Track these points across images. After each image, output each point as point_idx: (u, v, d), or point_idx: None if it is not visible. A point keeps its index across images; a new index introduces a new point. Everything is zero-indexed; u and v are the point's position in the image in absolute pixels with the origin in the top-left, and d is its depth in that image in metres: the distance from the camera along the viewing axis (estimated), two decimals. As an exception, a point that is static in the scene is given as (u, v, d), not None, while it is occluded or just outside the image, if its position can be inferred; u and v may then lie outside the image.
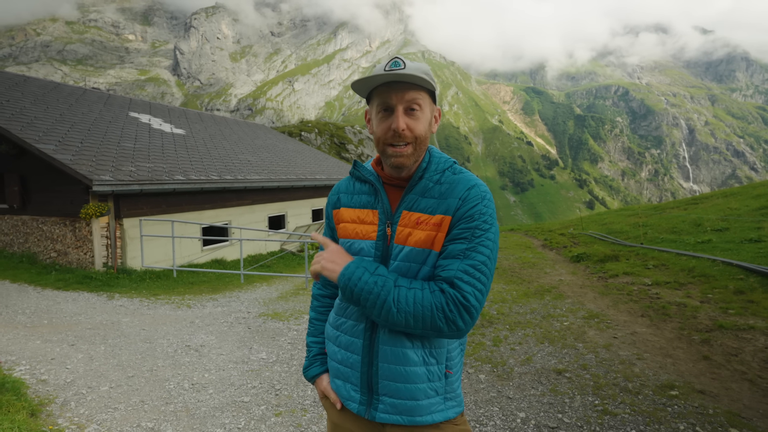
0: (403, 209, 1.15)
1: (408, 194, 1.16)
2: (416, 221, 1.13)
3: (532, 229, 19.73)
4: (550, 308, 5.79)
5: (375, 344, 1.15)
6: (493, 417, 3.07)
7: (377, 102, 1.14)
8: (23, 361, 4.12)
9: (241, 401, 3.35)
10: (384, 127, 1.12)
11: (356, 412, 1.18)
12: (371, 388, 1.16)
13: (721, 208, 13.95)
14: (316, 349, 1.35)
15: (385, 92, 1.11)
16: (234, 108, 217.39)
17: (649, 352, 4.10)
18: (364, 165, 1.25)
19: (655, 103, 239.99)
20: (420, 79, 1.07)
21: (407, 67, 1.09)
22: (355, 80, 1.11)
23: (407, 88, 1.10)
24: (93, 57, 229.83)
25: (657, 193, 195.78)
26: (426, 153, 1.19)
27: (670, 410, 3.05)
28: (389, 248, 1.15)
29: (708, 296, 5.68)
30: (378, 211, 1.18)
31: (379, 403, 1.15)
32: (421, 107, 1.11)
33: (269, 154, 17.23)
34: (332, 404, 1.25)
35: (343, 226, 1.24)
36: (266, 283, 8.76)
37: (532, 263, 9.50)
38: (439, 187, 1.15)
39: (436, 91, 1.16)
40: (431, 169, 1.18)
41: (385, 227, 1.16)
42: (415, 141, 1.12)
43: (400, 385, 1.13)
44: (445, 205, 1.12)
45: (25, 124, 9.60)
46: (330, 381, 1.27)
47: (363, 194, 1.22)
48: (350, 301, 1.09)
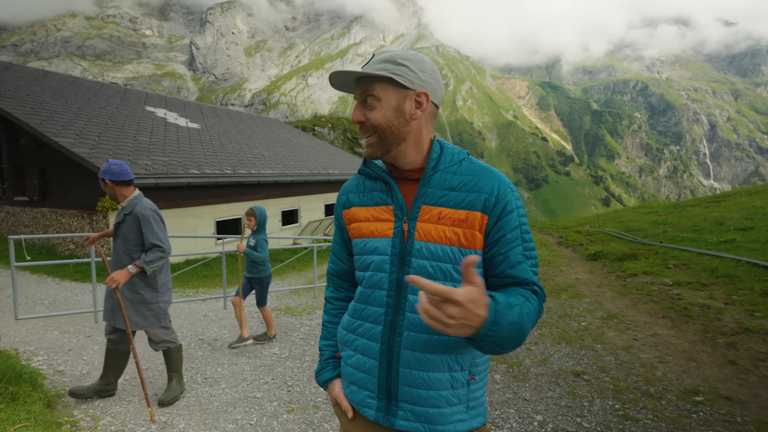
0: (422, 204, 1.10)
1: (424, 187, 1.10)
2: (438, 216, 1.07)
3: (547, 226, 19.44)
4: (567, 307, 5.66)
5: (395, 348, 1.09)
6: (509, 419, 3.00)
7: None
8: (41, 352, 4.18)
9: (254, 397, 3.34)
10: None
11: (373, 419, 1.12)
12: (389, 394, 1.10)
13: (744, 207, 13.51)
14: (328, 353, 1.29)
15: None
16: (248, 102, 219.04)
17: (672, 355, 3.97)
18: (374, 162, 1.19)
19: (675, 98, 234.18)
20: (369, 72, 1.06)
21: (368, 62, 1.11)
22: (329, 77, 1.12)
23: (363, 82, 1.11)
24: (111, 52, 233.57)
25: (676, 190, 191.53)
26: (436, 145, 1.15)
27: (695, 417, 2.93)
28: (407, 245, 1.09)
29: (732, 298, 5.48)
30: (393, 207, 1.13)
31: (398, 409, 1.09)
32: (375, 97, 1.09)
33: (283, 148, 17.27)
34: (344, 412, 1.19)
35: (356, 226, 1.19)
36: (279, 277, 8.79)
37: (547, 261, 9.34)
38: (459, 179, 1.10)
39: (401, 75, 1.08)
40: (445, 161, 1.12)
41: (402, 223, 1.10)
42: (375, 130, 1.10)
43: (422, 391, 1.07)
44: (471, 198, 1.07)
45: (44, 118, 9.76)
46: (344, 387, 1.21)
47: (375, 191, 1.17)
48: (494, 347, 0.92)
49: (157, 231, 2.96)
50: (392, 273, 1.10)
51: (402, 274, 1.09)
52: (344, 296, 1.32)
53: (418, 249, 1.08)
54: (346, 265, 1.29)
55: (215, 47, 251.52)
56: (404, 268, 1.09)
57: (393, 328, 1.10)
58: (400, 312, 1.09)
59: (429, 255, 1.07)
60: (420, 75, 1.09)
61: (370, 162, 1.19)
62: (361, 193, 1.20)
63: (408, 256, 1.09)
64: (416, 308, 0.95)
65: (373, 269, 1.13)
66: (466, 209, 1.06)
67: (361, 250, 1.16)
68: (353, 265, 1.26)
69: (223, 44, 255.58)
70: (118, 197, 3.01)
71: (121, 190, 2.98)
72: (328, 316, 1.33)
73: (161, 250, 2.96)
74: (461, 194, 1.08)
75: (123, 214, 2.98)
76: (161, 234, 2.98)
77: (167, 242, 3.03)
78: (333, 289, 1.34)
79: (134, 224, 2.94)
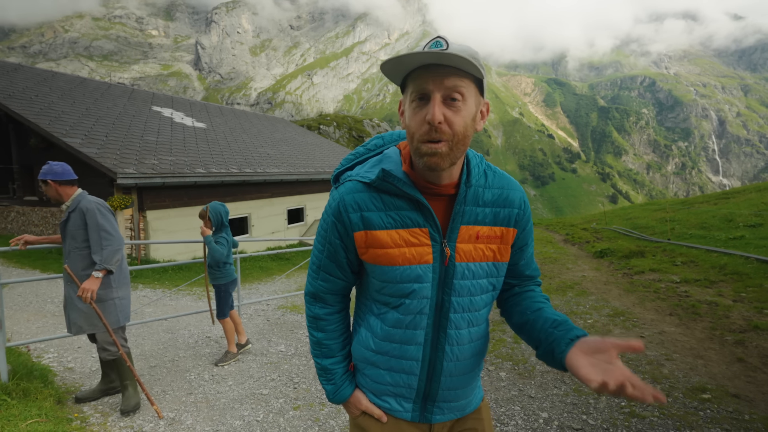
0: (460, 224, 1.03)
1: (461, 206, 1.03)
2: (476, 235, 1.05)
3: (553, 223, 19.34)
4: (573, 305, 5.64)
5: (437, 363, 1.10)
6: (514, 416, 3.00)
7: (411, 89, 0.95)
8: (51, 349, 4.24)
9: (260, 393, 3.37)
10: (418, 119, 0.94)
11: (409, 419, 1.15)
12: (426, 398, 1.13)
13: (754, 203, 13.35)
14: (341, 370, 1.19)
15: (421, 76, 0.92)
16: (254, 102, 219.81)
17: (679, 353, 3.94)
18: (397, 176, 1.01)
19: (684, 93, 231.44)
20: (465, 62, 0.88)
21: (450, 47, 0.89)
22: (386, 60, 0.90)
23: (448, 73, 0.91)
24: (118, 53, 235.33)
25: (684, 187, 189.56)
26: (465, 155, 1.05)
27: (702, 414, 2.91)
28: (447, 269, 1.04)
29: (741, 295, 5.43)
30: (428, 229, 1.02)
31: (434, 407, 1.14)
32: (463, 97, 0.93)
33: (288, 147, 17.33)
34: (377, 420, 1.15)
35: (382, 253, 1.03)
36: (285, 276, 8.83)
37: (553, 258, 9.30)
38: (490, 193, 1.07)
39: (485, 79, 0.97)
40: (474, 173, 1.04)
41: (441, 247, 1.03)
42: (453, 138, 0.93)
43: (459, 391, 1.14)
44: (504, 214, 1.10)
45: (53, 118, 9.87)
46: (373, 398, 1.16)
47: (402, 210, 1.02)
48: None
49: (102, 222, 2.83)
50: (433, 297, 1.05)
51: (443, 295, 1.05)
52: (338, 309, 1.21)
53: (461, 272, 1.05)
54: (345, 282, 1.16)
55: (221, 47, 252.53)
56: (445, 290, 1.05)
57: (435, 346, 1.09)
58: (441, 330, 1.08)
59: (470, 275, 1.06)
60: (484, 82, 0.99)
61: (392, 176, 1.00)
62: (381, 211, 1.03)
63: (450, 278, 1.05)
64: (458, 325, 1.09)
65: (413, 297, 1.05)
66: (501, 226, 1.09)
67: (398, 279, 1.04)
68: (352, 281, 1.18)
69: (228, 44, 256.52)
70: (62, 197, 2.92)
71: (64, 190, 2.91)
72: (324, 333, 1.18)
73: (111, 238, 2.82)
74: (495, 210, 1.08)
75: (68, 212, 2.89)
76: (107, 224, 2.85)
77: (117, 232, 2.89)
78: (323, 306, 1.19)
79: (79, 220, 2.85)
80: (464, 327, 1.09)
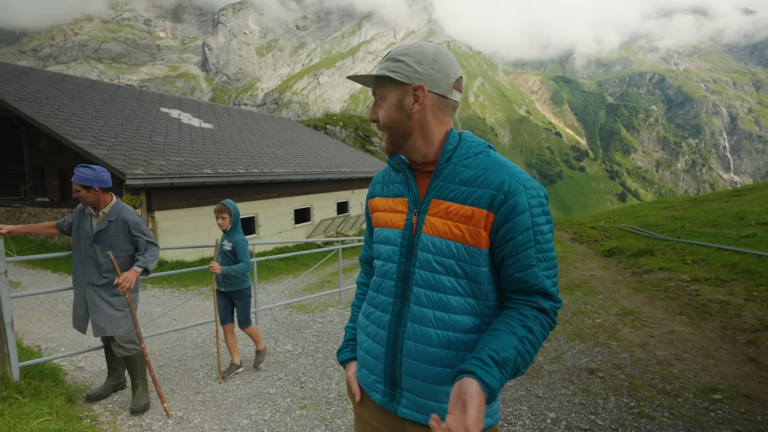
0: (431, 197, 1.10)
1: (435, 181, 1.10)
2: (445, 211, 1.06)
3: (561, 222, 19.20)
4: (581, 304, 5.59)
5: (399, 338, 1.11)
6: (521, 416, 2.98)
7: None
8: (62, 348, 4.29)
9: (267, 393, 3.38)
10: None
11: (379, 403, 1.16)
12: (394, 381, 1.13)
13: (766, 201, 13.13)
14: (349, 335, 1.35)
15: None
16: (261, 102, 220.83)
17: (689, 353, 3.89)
18: (399, 155, 1.20)
19: (694, 90, 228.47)
20: (369, 79, 1.14)
21: (381, 63, 1.15)
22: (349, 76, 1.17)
23: (374, 83, 1.16)
24: (126, 55, 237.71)
25: (694, 184, 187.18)
26: (454, 136, 1.14)
27: (713, 415, 2.87)
28: (414, 238, 1.11)
29: (753, 294, 5.35)
30: (408, 199, 1.16)
31: (402, 397, 1.12)
32: (382, 96, 1.14)
33: (295, 147, 17.38)
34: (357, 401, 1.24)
35: (376, 215, 1.24)
36: (292, 275, 8.86)
37: (561, 257, 9.23)
38: (470, 172, 1.07)
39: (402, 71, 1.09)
40: (460, 153, 1.10)
41: (413, 216, 1.12)
42: (384, 127, 1.15)
43: (422, 383, 1.08)
44: (478, 194, 1.03)
45: (63, 120, 9.99)
46: (357, 369, 1.26)
47: (396, 183, 1.21)
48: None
49: (149, 233, 3.09)
50: (401, 264, 1.12)
51: (410, 266, 1.11)
52: (370, 279, 1.38)
53: (424, 242, 1.08)
54: (372, 253, 1.34)
55: (227, 48, 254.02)
56: (411, 260, 1.11)
57: (399, 318, 1.12)
58: (406, 302, 1.11)
59: (434, 249, 1.07)
60: (417, 68, 1.08)
61: (395, 155, 1.20)
62: (385, 184, 1.25)
63: (415, 248, 1.10)
64: (420, 300, 1.07)
65: (384, 259, 1.17)
66: (473, 206, 1.03)
67: (378, 240, 1.21)
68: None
69: (235, 44, 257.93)
70: (100, 204, 2.99)
71: (104, 197, 2.99)
72: (356, 300, 1.40)
73: (155, 248, 3.06)
74: (470, 189, 1.04)
75: (107, 220, 2.97)
76: (151, 236, 3.11)
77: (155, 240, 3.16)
78: (363, 275, 1.42)
79: (121, 230, 2.97)
80: (428, 306, 1.07)
